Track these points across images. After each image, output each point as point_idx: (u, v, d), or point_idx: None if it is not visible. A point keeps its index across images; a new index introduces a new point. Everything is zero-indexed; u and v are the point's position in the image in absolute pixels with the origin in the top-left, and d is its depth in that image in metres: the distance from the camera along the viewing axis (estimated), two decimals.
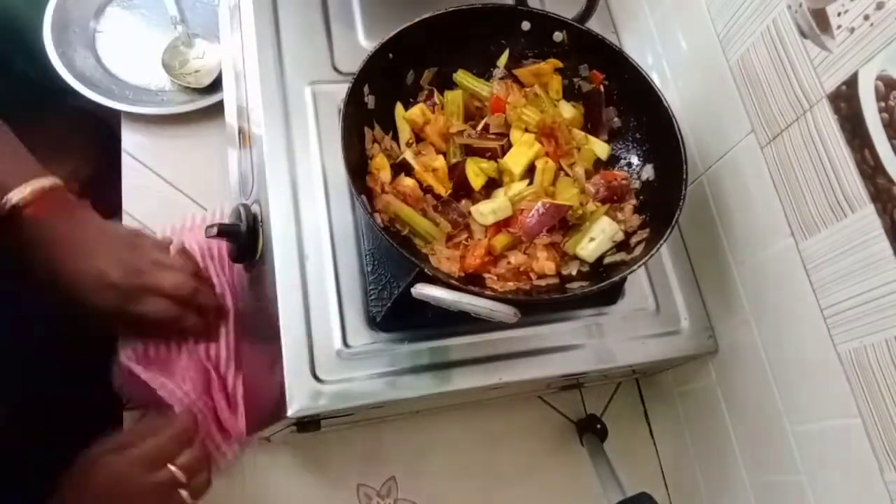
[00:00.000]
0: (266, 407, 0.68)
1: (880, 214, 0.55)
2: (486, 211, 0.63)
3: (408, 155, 0.66)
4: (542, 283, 0.62)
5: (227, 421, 0.79)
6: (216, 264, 0.82)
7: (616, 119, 0.72)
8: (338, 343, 0.65)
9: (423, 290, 0.56)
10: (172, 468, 0.62)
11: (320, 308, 0.65)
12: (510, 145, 0.68)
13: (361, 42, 0.79)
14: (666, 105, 0.66)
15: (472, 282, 0.60)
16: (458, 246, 0.64)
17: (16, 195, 0.65)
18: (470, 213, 0.64)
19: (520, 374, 0.68)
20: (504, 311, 0.56)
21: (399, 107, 0.69)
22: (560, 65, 0.72)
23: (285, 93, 0.73)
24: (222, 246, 0.80)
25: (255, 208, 0.71)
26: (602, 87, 0.71)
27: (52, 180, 0.68)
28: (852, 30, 0.55)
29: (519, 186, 0.66)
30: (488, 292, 0.57)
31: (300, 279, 0.65)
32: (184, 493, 0.62)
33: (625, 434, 0.91)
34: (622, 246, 0.65)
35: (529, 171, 0.67)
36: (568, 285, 0.62)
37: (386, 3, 0.81)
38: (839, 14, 0.56)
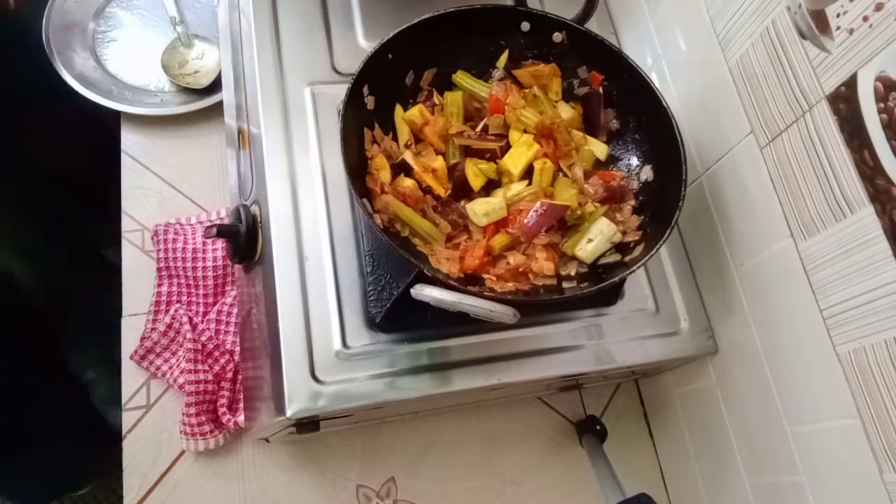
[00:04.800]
0: (266, 407, 0.68)
1: (879, 215, 0.55)
2: (479, 212, 0.63)
3: (407, 156, 0.65)
4: (541, 283, 0.62)
5: (224, 416, 0.80)
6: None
7: (615, 120, 0.72)
8: (337, 344, 0.65)
9: (423, 291, 0.56)
10: None
11: (320, 309, 0.65)
12: (509, 146, 0.68)
13: (361, 42, 0.79)
14: (665, 106, 0.66)
15: (471, 282, 0.60)
16: (458, 246, 0.64)
17: None
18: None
19: (519, 375, 0.68)
20: (503, 312, 0.56)
21: (398, 108, 0.69)
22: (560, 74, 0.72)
23: (284, 93, 0.73)
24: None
25: (254, 209, 0.71)
26: (601, 89, 0.71)
27: None
28: (851, 31, 0.55)
29: (518, 187, 0.66)
30: (487, 293, 0.57)
31: (299, 280, 0.65)
32: None
33: (624, 435, 0.91)
34: (621, 247, 0.65)
35: (529, 172, 0.67)
36: (567, 286, 0.62)
37: (386, 3, 0.81)
38: (838, 15, 0.56)
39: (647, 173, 0.69)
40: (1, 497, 1.02)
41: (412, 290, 0.57)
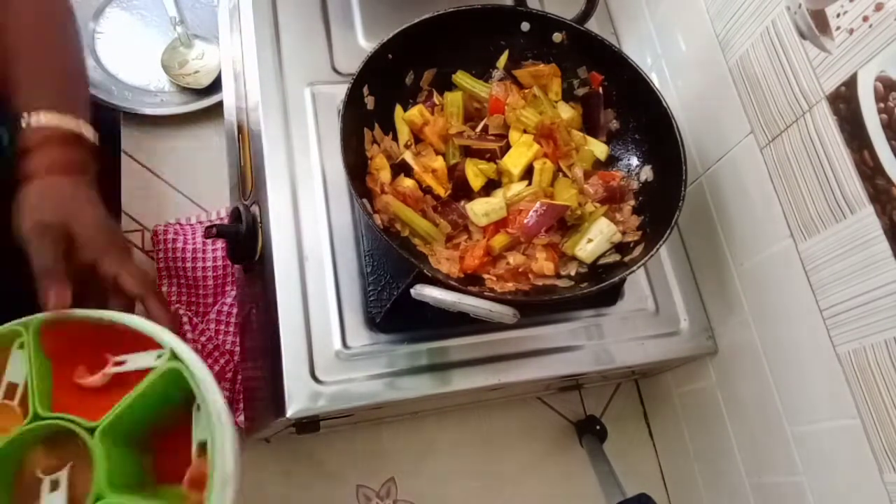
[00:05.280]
0: (265, 407, 0.68)
1: (879, 215, 0.55)
2: (479, 212, 0.63)
3: (407, 156, 0.66)
4: (541, 283, 0.62)
5: None
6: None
7: (615, 120, 0.72)
8: (337, 344, 0.65)
9: (423, 291, 0.56)
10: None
11: (319, 309, 0.65)
12: (509, 146, 0.68)
13: (361, 43, 0.79)
14: (665, 106, 0.66)
15: (471, 282, 0.60)
16: (458, 246, 0.64)
17: (33, 119, 0.61)
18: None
19: (519, 375, 0.68)
20: (503, 312, 0.56)
21: (398, 108, 0.69)
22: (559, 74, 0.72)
23: (284, 93, 0.73)
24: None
25: (254, 209, 0.71)
26: (601, 89, 0.71)
27: (72, 127, 0.63)
28: (851, 31, 0.55)
29: (518, 187, 0.66)
30: (487, 293, 0.57)
31: (299, 280, 0.65)
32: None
33: (624, 435, 0.91)
34: (621, 247, 0.65)
35: (529, 172, 0.67)
36: (566, 286, 0.62)
37: (386, 3, 0.81)
38: (838, 15, 0.56)
39: (647, 173, 0.69)
40: None
41: (412, 290, 0.57)
